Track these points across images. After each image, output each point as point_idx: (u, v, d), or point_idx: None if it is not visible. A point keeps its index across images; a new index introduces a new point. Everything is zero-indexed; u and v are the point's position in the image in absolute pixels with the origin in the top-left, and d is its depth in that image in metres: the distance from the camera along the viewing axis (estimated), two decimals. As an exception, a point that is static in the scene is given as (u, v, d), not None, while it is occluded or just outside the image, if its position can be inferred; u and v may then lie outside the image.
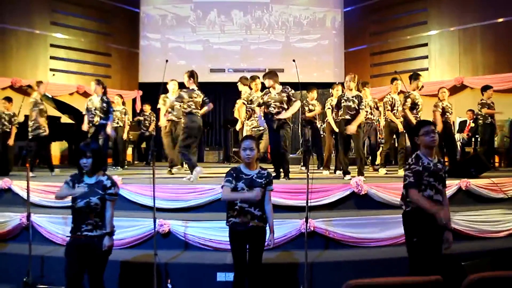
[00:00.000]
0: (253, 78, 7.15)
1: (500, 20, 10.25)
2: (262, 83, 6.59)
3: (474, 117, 9.13)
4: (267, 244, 3.51)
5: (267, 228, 3.51)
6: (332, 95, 7.53)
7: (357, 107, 6.10)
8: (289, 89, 6.10)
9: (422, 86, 6.99)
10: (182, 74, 6.26)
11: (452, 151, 7.31)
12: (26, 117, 7.52)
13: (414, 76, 6.86)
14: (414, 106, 6.66)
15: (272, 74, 6.12)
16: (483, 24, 10.54)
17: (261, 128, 6.80)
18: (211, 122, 12.94)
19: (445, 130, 7.09)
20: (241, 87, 7.37)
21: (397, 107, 7.15)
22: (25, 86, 9.34)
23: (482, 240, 4.93)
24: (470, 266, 4.11)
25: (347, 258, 4.37)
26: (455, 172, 5.98)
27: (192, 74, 6.15)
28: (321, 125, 8.36)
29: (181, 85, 6.72)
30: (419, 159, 3.38)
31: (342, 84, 7.11)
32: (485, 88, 7.98)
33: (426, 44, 11.72)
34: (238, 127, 7.58)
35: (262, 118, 6.33)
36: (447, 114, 7.20)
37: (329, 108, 7.27)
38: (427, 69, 11.58)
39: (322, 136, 8.21)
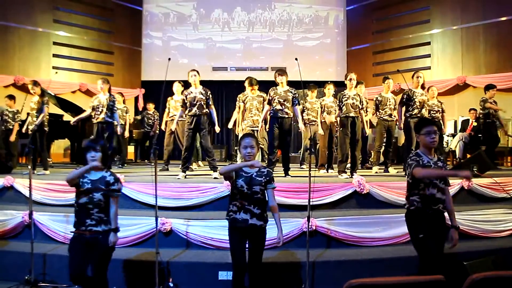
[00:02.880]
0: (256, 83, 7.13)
1: (503, 18, 10.20)
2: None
3: (477, 116, 9.09)
4: (276, 242, 3.48)
5: (267, 227, 3.43)
6: (325, 95, 7.49)
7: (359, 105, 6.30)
8: (295, 91, 6.29)
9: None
10: (185, 73, 6.31)
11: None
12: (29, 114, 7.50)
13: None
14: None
15: (282, 71, 6.37)
16: (486, 23, 10.51)
17: (255, 127, 6.82)
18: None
19: None
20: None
21: (389, 105, 7.12)
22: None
23: (484, 240, 4.92)
24: (472, 265, 4.10)
25: (349, 257, 4.35)
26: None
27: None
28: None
29: (186, 84, 6.75)
30: (418, 157, 3.33)
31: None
32: (488, 88, 7.94)
33: (428, 43, 11.69)
34: (231, 125, 7.59)
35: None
36: (432, 112, 7.07)
37: (319, 107, 7.41)
38: (429, 67, 11.56)
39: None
